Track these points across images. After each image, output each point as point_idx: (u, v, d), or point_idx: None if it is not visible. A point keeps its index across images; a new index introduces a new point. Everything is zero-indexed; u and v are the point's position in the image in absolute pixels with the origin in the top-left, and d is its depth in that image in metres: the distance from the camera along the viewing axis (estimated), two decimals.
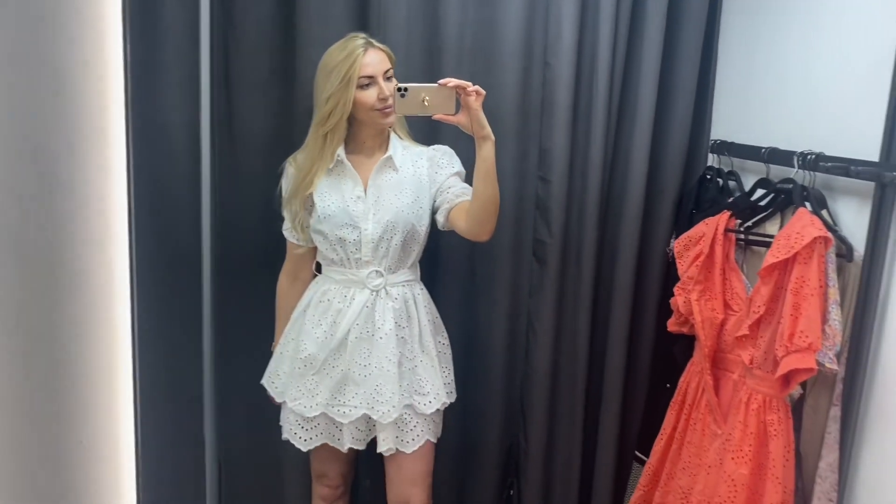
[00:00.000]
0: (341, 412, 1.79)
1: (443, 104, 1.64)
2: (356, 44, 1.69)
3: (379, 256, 1.77)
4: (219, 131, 2.06)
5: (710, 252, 1.76)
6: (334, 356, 1.79)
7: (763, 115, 1.94)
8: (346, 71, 1.66)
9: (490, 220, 1.73)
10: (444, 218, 1.82)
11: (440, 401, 1.84)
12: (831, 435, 1.52)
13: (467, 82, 1.61)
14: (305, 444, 1.84)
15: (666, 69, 2.16)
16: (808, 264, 1.45)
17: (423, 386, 1.82)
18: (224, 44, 2.01)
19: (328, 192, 1.77)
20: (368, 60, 1.68)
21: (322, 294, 1.82)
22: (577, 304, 2.24)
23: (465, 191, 1.82)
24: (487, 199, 1.69)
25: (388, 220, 1.75)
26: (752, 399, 1.59)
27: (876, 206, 1.45)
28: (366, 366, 1.77)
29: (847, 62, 1.61)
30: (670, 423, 1.87)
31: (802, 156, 1.61)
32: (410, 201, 1.78)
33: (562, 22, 2.04)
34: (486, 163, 1.66)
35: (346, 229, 1.75)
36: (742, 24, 2.08)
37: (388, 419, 1.75)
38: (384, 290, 1.79)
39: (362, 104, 1.70)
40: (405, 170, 1.81)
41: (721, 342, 1.73)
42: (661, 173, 2.22)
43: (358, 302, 1.77)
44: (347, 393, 1.79)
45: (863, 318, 1.47)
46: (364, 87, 1.69)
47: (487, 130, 1.64)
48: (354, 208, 1.76)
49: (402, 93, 1.64)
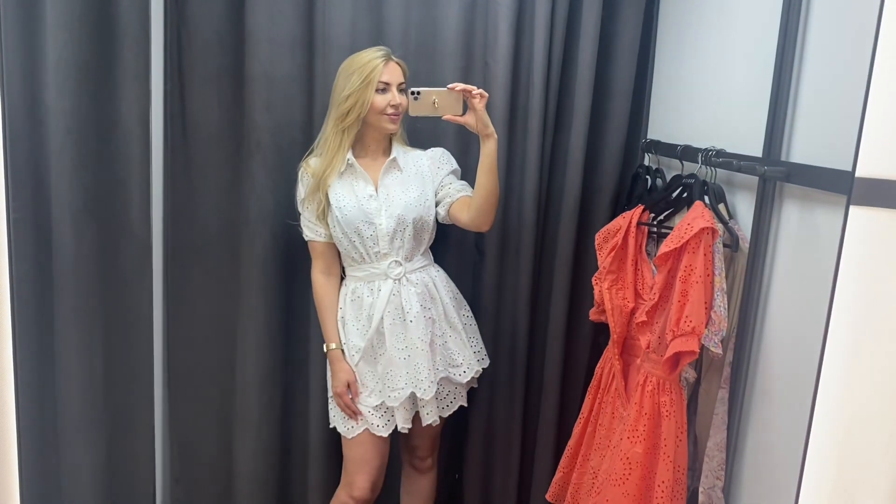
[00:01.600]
0: (392, 396, 1.96)
1: (451, 106, 1.84)
2: (378, 54, 1.89)
3: (395, 248, 1.96)
4: (171, 124, 2.16)
5: (623, 244, 1.84)
6: (376, 345, 1.98)
7: (690, 117, 2.02)
8: (367, 74, 1.85)
9: (492, 212, 1.94)
10: (445, 211, 2.02)
11: (473, 369, 2.08)
12: (718, 416, 1.60)
13: (473, 86, 1.82)
14: (385, 430, 2.00)
15: (602, 72, 2.26)
16: (695, 253, 1.53)
17: (455, 358, 2.05)
18: (177, 39, 2.11)
19: (343, 194, 1.95)
20: (388, 70, 1.88)
21: (352, 293, 2.02)
22: (516, 296, 2.33)
23: (464, 187, 2.03)
24: (489, 192, 1.89)
25: (399, 214, 1.93)
26: (648, 381, 1.67)
27: (759, 198, 1.53)
28: (404, 348, 1.96)
29: (746, 65, 1.70)
30: (587, 406, 1.96)
31: (705, 152, 1.70)
32: (417, 195, 1.97)
33: (499, 24, 2.14)
34: (490, 158, 1.86)
35: (363, 226, 1.93)
36: (675, 27, 2.16)
37: (429, 395, 1.94)
38: (405, 278, 1.98)
39: (375, 107, 1.88)
40: (408, 169, 2.00)
41: (631, 329, 1.81)
42: (599, 171, 2.32)
43: (385, 291, 1.96)
44: (394, 376, 1.96)
45: (747, 304, 1.55)
46: (380, 91, 1.87)
47: (491, 129, 1.85)
48: (368, 206, 1.93)
49: (416, 95, 1.85)
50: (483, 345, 2.17)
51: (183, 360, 2.28)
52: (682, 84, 2.08)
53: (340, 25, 2.14)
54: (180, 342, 2.27)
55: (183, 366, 2.28)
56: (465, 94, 1.82)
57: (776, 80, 1.49)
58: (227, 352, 2.27)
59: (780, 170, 1.41)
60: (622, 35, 2.24)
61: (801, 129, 1.44)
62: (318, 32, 2.12)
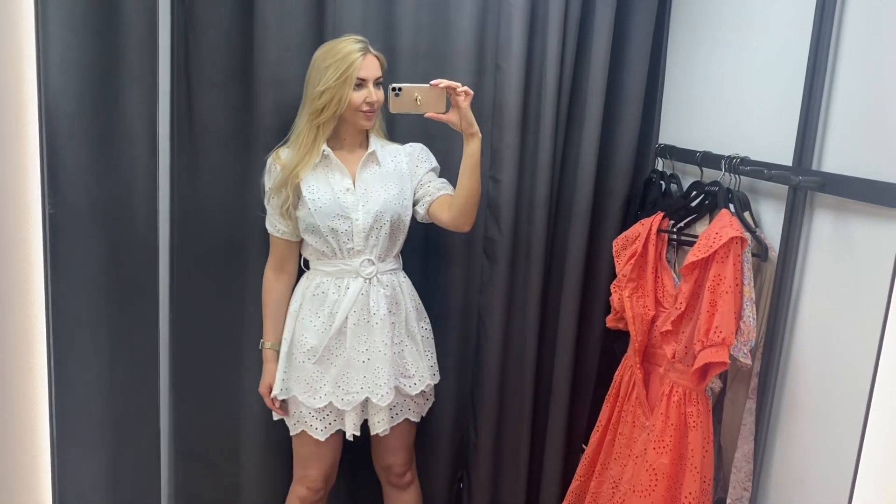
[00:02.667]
0: (345, 400, 1.88)
1: (434, 103, 1.78)
2: (356, 46, 1.79)
3: (370, 245, 1.88)
4: (178, 126, 2.11)
5: (643, 251, 1.83)
6: (335, 345, 1.89)
7: (704, 122, 2.01)
8: (344, 69, 1.76)
9: (473, 212, 1.89)
10: (424, 210, 1.96)
11: (424, 382, 1.99)
12: (746, 426, 1.58)
13: (457, 83, 1.76)
14: (323, 434, 1.93)
15: (615, 76, 2.23)
16: (724, 263, 1.52)
17: (408, 369, 1.97)
18: (184, 40, 2.07)
19: (316, 185, 1.86)
20: (365, 64, 1.80)
21: (315, 287, 1.91)
22: (526, 302, 2.30)
23: (444, 185, 1.97)
24: (472, 192, 1.85)
25: (378, 211, 1.85)
26: (674, 391, 1.66)
27: (789, 208, 1.51)
28: (365, 350, 1.88)
29: (772, 72, 1.68)
30: (605, 415, 1.94)
31: (728, 160, 1.68)
32: (396, 192, 1.90)
33: (512, 27, 2.10)
34: (473, 158, 1.82)
35: (337, 220, 1.84)
36: (690, 33, 2.14)
37: (386, 402, 1.88)
38: (376, 278, 1.90)
39: (350, 103, 1.80)
40: (387, 164, 1.93)
41: (651, 337, 1.80)
42: (610, 175, 2.29)
43: (353, 290, 1.87)
44: (350, 380, 1.88)
45: (776, 315, 1.53)
46: (356, 87, 1.79)
47: (475, 128, 1.80)
48: (345, 200, 1.85)
49: (397, 92, 1.77)
50: (437, 360, 2.09)
51: (189, 365, 2.23)
52: (697, 88, 2.06)
53: (351, 27, 2.09)
54: (187, 347, 2.22)
55: (189, 371, 2.23)
56: (448, 91, 1.77)
57: (808, 85, 1.46)
58: (234, 356, 2.22)
59: (814, 180, 1.40)
60: (634, 37, 2.21)
61: (833, 137, 1.42)
62: (328, 35, 2.07)
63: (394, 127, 2.14)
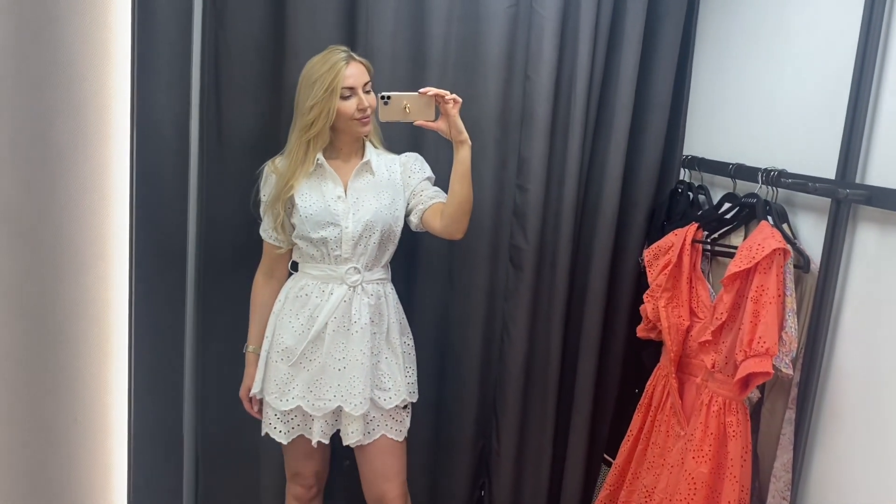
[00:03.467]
0: (316, 406, 1.86)
1: (423, 111, 1.79)
2: (339, 56, 1.79)
3: (358, 254, 1.86)
4: (207, 132, 2.10)
5: (678, 261, 1.84)
6: (311, 349, 1.86)
7: (732, 133, 2.03)
8: (329, 81, 1.76)
9: (464, 219, 1.87)
10: (417, 219, 1.94)
11: (400, 397, 1.92)
12: (786, 436, 1.60)
13: (445, 91, 1.77)
14: (285, 437, 1.90)
15: (642, 87, 2.24)
16: (767, 274, 1.53)
17: (384, 382, 1.91)
18: (215, 47, 2.06)
19: (309, 193, 1.86)
20: (350, 72, 1.78)
21: (300, 289, 1.90)
22: (550, 310, 2.31)
23: (437, 193, 1.95)
24: (463, 199, 1.83)
25: (368, 220, 1.84)
26: (713, 401, 1.67)
27: (831, 220, 1.53)
28: (341, 359, 1.85)
29: (808, 84, 1.70)
30: (637, 424, 1.95)
31: (766, 172, 1.70)
32: (388, 202, 1.88)
33: (543, 38, 2.12)
34: (463, 165, 1.81)
35: (327, 228, 1.83)
36: (715, 43, 2.16)
37: (359, 411, 1.83)
38: (361, 287, 1.87)
39: (342, 113, 1.79)
40: (381, 174, 1.91)
41: (686, 347, 1.81)
42: (635, 186, 2.30)
43: (336, 296, 1.85)
44: (323, 386, 1.86)
45: (817, 325, 1.55)
46: (345, 97, 1.79)
47: (464, 135, 1.80)
48: (336, 207, 1.84)
49: (385, 100, 1.79)
50: (416, 379, 2.02)
51: (215, 374, 2.22)
52: (724, 98, 2.08)
53: (382, 35, 2.10)
54: (213, 355, 2.21)
55: (215, 380, 2.22)
56: (437, 99, 1.78)
57: (853, 94, 1.48)
58: None
59: (861, 193, 1.42)
60: (662, 48, 2.23)
61: (878, 149, 1.45)
62: (359, 42, 2.09)
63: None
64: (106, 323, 1.08)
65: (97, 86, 0.97)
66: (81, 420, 1.02)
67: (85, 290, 1.02)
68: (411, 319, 2.06)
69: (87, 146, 0.98)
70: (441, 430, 2.40)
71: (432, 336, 2.32)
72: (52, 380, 0.94)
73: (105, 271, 1.08)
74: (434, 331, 2.32)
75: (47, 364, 0.93)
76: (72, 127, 0.94)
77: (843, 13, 1.57)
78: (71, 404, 1.00)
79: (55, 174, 0.90)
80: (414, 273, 2.28)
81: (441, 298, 2.32)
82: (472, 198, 1.86)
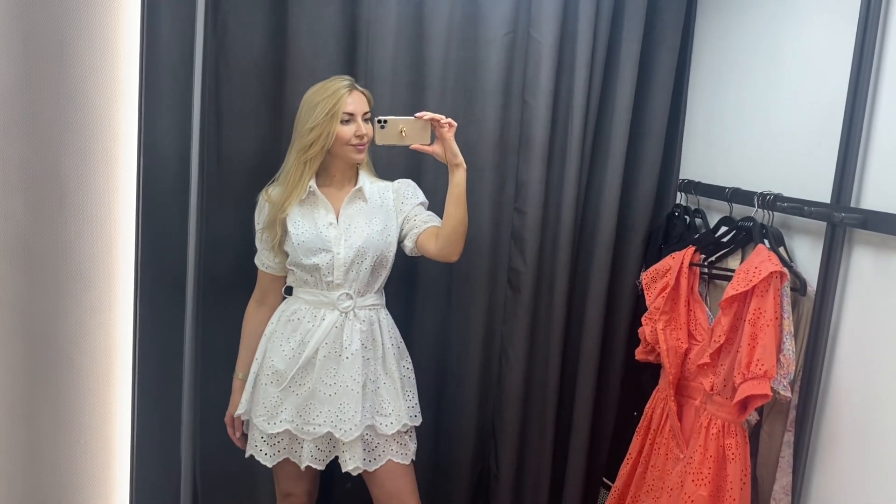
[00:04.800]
0: (306, 430, 1.86)
1: (419, 135, 1.83)
2: (342, 84, 1.83)
3: (350, 280, 1.87)
4: (207, 156, 2.11)
5: (675, 284, 1.85)
6: (301, 374, 1.87)
7: (728, 157, 2.05)
8: (332, 106, 1.80)
9: (459, 242, 1.88)
10: (412, 243, 1.94)
11: (401, 422, 1.91)
12: (785, 459, 1.60)
13: (440, 115, 1.80)
14: (270, 460, 1.91)
15: (638, 112, 2.27)
16: (764, 297, 1.55)
17: (384, 407, 1.91)
18: (216, 72, 2.08)
19: (301, 220, 1.88)
20: (352, 100, 1.83)
21: (292, 313, 1.91)
22: (549, 332, 2.31)
23: (431, 217, 1.96)
24: (458, 222, 1.85)
25: (360, 246, 1.85)
26: (712, 424, 1.67)
27: (827, 244, 1.55)
28: (332, 384, 1.85)
29: (803, 108, 1.72)
30: (636, 447, 1.95)
31: (762, 196, 1.72)
32: (380, 228, 1.90)
33: (540, 64, 2.14)
34: (458, 188, 1.83)
35: (319, 254, 1.85)
36: (710, 70, 2.20)
37: (350, 437, 1.82)
38: (353, 313, 1.88)
39: (340, 138, 1.83)
40: (374, 200, 1.94)
41: (685, 370, 1.82)
42: (632, 210, 2.32)
43: (328, 322, 1.86)
44: (312, 411, 1.86)
45: (814, 348, 1.56)
46: (344, 122, 1.82)
47: (459, 159, 1.82)
48: (327, 234, 1.86)
49: (382, 124, 1.82)
50: (418, 402, 2.01)
51: (215, 396, 2.21)
52: (720, 122, 2.11)
53: (382, 61, 2.13)
54: (212, 379, 2.20)
55: (214, 403, 2.21)
56: (433, 123, 1.80)
57: (847, 119, 1.50)
58: None
59: (856, 217, 1.43)
60: (657, 73, 2.26)
61: (872, 173, 1.47)
62: (360, 68, 2.12)
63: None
64: (111, 347, 1.08)
65: (105, 110, 0.98)
66: (83, 443, 1.02)
67: (90, 312, 1.02)
68: (410, 342, 2.06)
69: (96, 173, 1.00)
70: (440, 452, 2.40)
71: (431, 359, 2.32)
72: (56, 404, 0.94)
73: (109, 294, 1.09)
74: (433, 354, 2.33)
75: (49, 387, 0.93)
76: (79, 156, 0.95)
77: (836, 38, 1.60)
78: (73, 426, 1.00)
79: (63, 200, 0.91)
80: (413, 296, 2.29)
81: (440, 321, 2.33)
82: (468, 220, 1.88)
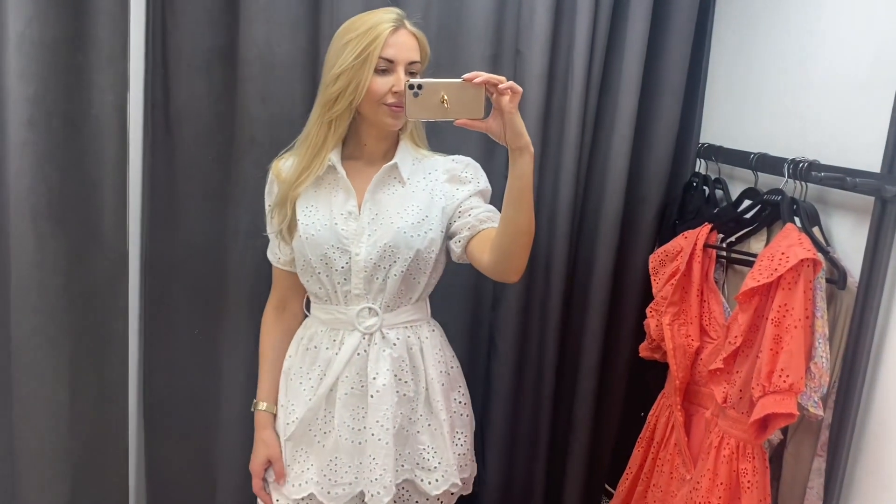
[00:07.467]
0: (333, 493, 1.48)
1: (467, 106, 1.26)
2: (386, 17, 1.39)
3: (373, 289, 1.46)
4: (152, 115, 1.87)
5: (687, 270, 1.57)
6: (324, 418, 1.50)
7: (755, 118, 1.77)
8: (365, 45, 1.35)
9: (521, 256, 1.37)
10: (461, 248, 1.48)
11: (449, 481, 1.51)
12: (814, 490, 1.33)
13: (500, 77, 1.23)
14: None
15: (651, 64, 1.98)
16: (792, 290, 1.25)
17: (426, 459, 1.52)
18: (161, 16, 1.82)
19: (314, 206, 1.48)
20: (394, 41, 1.37)
21: (309, 340, 1.54)
22: (544, 322, 2.06)
23: (492, 215, 1.49)
24: (519, 229, 1.33)
25: (387, 244, 1.43)
26: (724, 443, 1.39)
27: (875, 224, 1.27)
28: (359, 430, 1.47)
29: (847, 57, 1.44)
30: (636, 461, 1.69)
31: (794, 163, 1.43)
32: (416, 221, 1.46)
33: (535, 6, 1.85)
34: (522, 181, 1.29)
35: (333, 254, 1.44)
36: (737, 19, 1.90)
37: (383, 500, 1.45)
38: (380, 333, 1.48)
39: (372, 92, 1.38)
40: (414, 183, 1.49)
41: (695, 373, 1.54)
42: (643, 179, 2.04)
43: (347, 348, 1.47)
44: (340, 468, 1.48)
45: (854, 355, 1.29)
46: (381, 71, 1.38)
47: (525, 140, 1.26)
48: (344, 227, 1.45)
49: (416, 91, 1.26)
50: (472, 445, 1.64)
51: (162, 388, 2.00)
52: (748, 78, 1.82)
53: (351, 2, 1.84)
54: (158, 368, 1.99)
55: (161, 394, 2.00)
56: (487, 89, 1.24)
57: None
58: (212, 379, 1.99)
59: None
60: (675, 19, 1.95)
61: None
62: (325, 10, 1.84)
63: None
64: None
65: None
66: None
67: None
68: None
69: None
70: None
71: None
72: None
73: None
74: None
75: None
76: None
77: None
78: None
79: None
80: None
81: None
82: (534, 227, 1.36)
